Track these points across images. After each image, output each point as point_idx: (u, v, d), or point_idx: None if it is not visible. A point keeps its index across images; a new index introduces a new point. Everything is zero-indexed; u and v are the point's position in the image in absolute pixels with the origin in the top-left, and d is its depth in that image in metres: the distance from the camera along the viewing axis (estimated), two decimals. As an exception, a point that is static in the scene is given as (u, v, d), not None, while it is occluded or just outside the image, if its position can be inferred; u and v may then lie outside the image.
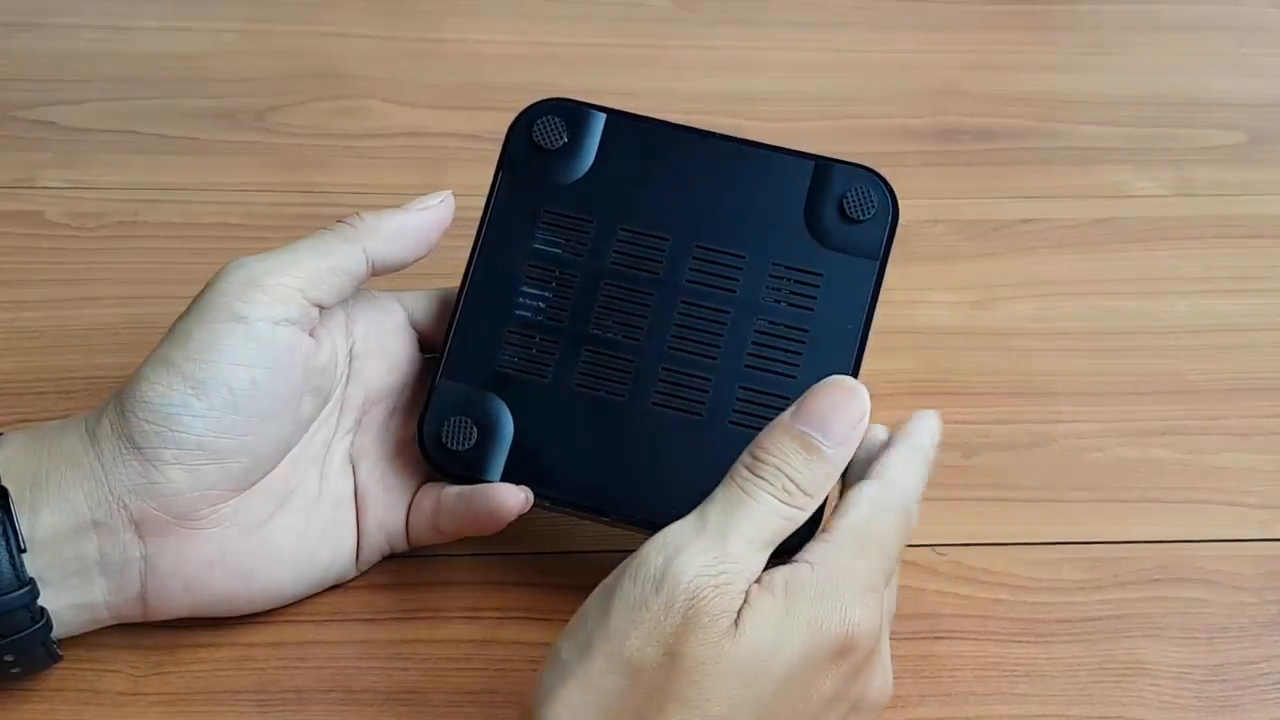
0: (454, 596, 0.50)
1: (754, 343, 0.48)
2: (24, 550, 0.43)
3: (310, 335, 0.47)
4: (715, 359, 0.48)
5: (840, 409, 0.42)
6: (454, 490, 0.48)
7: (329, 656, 0.48)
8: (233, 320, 0.44)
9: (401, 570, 0.51)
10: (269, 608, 0.48)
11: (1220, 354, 0.60)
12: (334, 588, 0.49)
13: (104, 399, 0.45)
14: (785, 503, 0.41)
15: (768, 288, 0.49)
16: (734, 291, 0.49)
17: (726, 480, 0.41)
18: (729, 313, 0.48)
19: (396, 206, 0.49)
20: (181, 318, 0.45)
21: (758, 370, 0.48)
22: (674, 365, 0.48)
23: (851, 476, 0.44)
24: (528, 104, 0.51)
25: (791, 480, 0.41)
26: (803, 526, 0.42)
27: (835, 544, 0.42)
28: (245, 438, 0.45)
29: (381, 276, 0.49)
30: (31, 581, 0.43)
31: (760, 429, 0.47)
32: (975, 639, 0.50)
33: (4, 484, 0.43)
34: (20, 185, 0.63)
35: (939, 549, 0.52)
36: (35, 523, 0.43)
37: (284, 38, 0.71)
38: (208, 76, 0.68)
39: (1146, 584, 0.52)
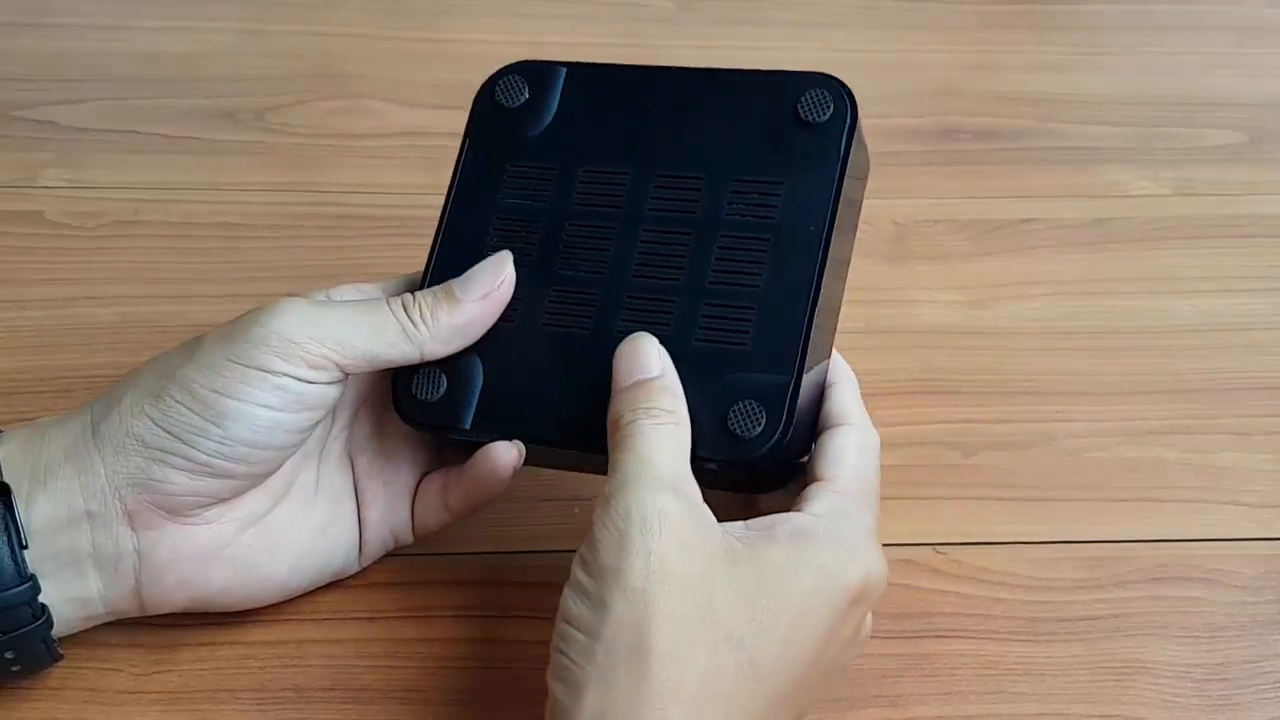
0: (453, 595, 0.50)
1: (717, 258, 0.47)
2: (25, 546, 0.43)
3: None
4: (678, 280, 0.47)
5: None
6: (461, 466, 0.48)
7: (328, 655, 0.48)
8: (266, 372, 0.44)
9: (401, 569, 0.51)
10: (268, 602, 0.48)
11: (1220, 354, 0.60)
12: (334, 586, 0.49)
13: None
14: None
15: (729, 204, 0.48)
16: (695, 213, 0.48)
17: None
18: (689, 233, 0.48)
19: (454, 282, 0.47)
20: (218, 343, 0.45)
21: (722, 285, 0.47)
22: (638, 292, 0.47)
23: (822, 423, 0.46)
24: None
25: None
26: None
27: (842, 494, 0.43)
28: (254, 464, 0.45)
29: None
30: (33, 577, 0.43)
31: (728, 343, 0.46)
32: (975, 638, 0.50)
33: (5, 480, 0.43)
34: (20, 185, 0.63)
35: (939, 548, 0.52)
36: (30, 513, 0.43)
37: (283, 38, 0.71)
38: (208, 76, 0.68)
39: (1146, 583, 0.52)
